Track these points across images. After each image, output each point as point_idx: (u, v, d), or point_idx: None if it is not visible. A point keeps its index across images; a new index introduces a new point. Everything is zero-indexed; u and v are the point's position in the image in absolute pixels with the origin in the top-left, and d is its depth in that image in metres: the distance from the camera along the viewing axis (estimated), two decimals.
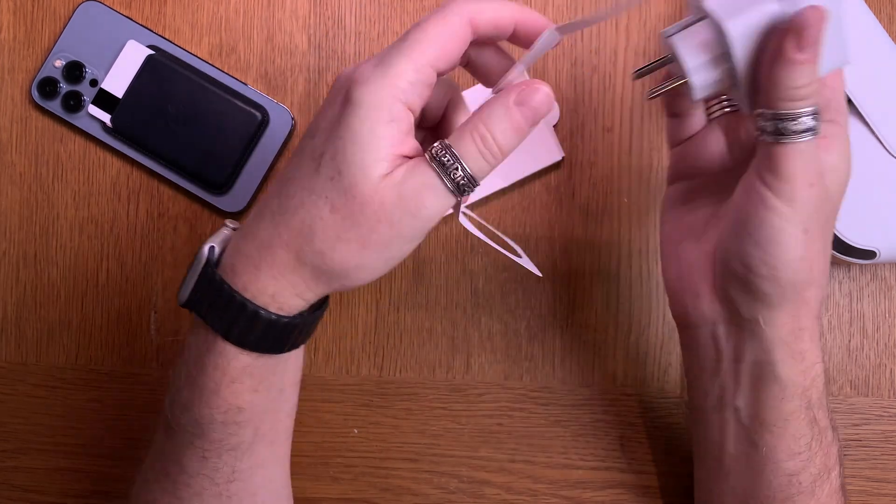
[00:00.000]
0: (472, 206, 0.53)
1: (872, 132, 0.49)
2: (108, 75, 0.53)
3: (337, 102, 0.33)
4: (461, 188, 0.32)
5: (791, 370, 0.38)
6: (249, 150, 0.53)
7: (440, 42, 0.32)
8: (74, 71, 0.53)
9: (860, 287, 0.54)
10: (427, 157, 0.32)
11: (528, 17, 0.34)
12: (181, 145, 0.52)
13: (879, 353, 0.54)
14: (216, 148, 0.52)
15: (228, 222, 0.37)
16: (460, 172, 0.32)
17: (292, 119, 0.53)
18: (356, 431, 0.54)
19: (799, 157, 0.33)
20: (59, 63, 0.53)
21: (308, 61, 0.54)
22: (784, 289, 0.36)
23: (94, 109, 0.53)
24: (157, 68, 0.52)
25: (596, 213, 0.54)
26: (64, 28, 0.53)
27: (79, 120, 0.53)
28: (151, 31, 0.53)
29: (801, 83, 0.32)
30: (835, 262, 0.53)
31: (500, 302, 0.54)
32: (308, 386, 0.53)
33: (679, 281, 0.41)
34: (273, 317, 0.34)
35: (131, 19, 0.53)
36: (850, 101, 0.49)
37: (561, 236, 0.54)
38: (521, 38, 0.34)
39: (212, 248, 0.35)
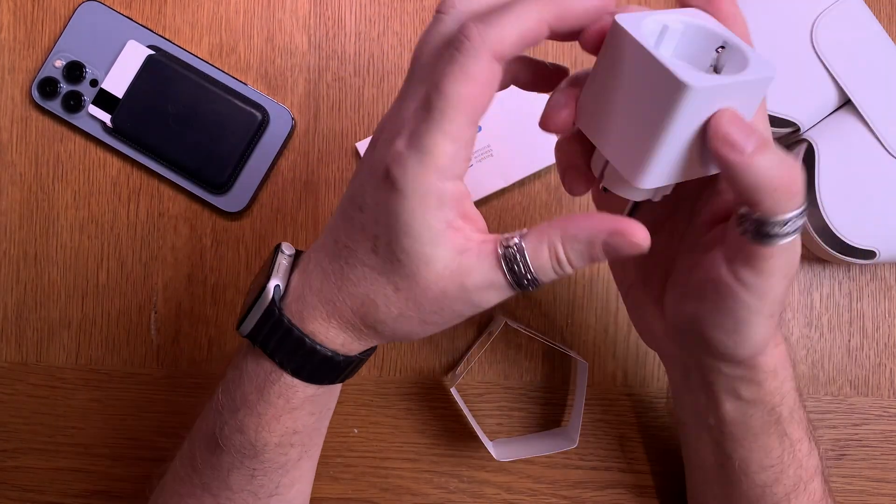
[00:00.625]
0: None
1: (872, 132, 0.49)
2: (108, 75, 0.53)
3: (378, 178, 0.30)
4: (524, 288, 0.32)
5: (757, 392, 0.38)
6: (250, 150, 0.53)
7: (470, 100, 0.28)
8: (74, 71, 0.53)
9: (860, 287, 0.54)
10: (498, 255, 0.31)
11: (564, 9, 0.28)
12: (181, 145, 0.52)
13: (879, 352, 0.54)
14: (216, 148, 0.52)
15: (284, 248, 0.37)
16: (528, 281, 0.31)
17: (292, 119, 0.53)
18: (356, 431, 0.54)
19: (782, 256, 0.31)
20: (59, 63, 0.53)
21: (308, 61, 0.54)
22: (743, 356, 0.36)
23: (94, 109, 0.53)
24: (158, 68, 0.52)
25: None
26: (64, 28, 0.53)
27: (79, 120, 0.53)
28: (151, 31, 0.53)
29: (773, 176, 0.28)
30: (835, 262, 0.53)
31: (500, 302, 0.54)
32: None
33: (634, 316, 0.41)
34: (341, 359, 0.35)
35: (131, 19, 0.53)
36: (850, 101, 0.49)
37: None
38: (565, 34, 0.29)
39: (277, 286, 0.35)
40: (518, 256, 0.31)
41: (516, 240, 0.31)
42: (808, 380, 0.53)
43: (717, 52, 0.30)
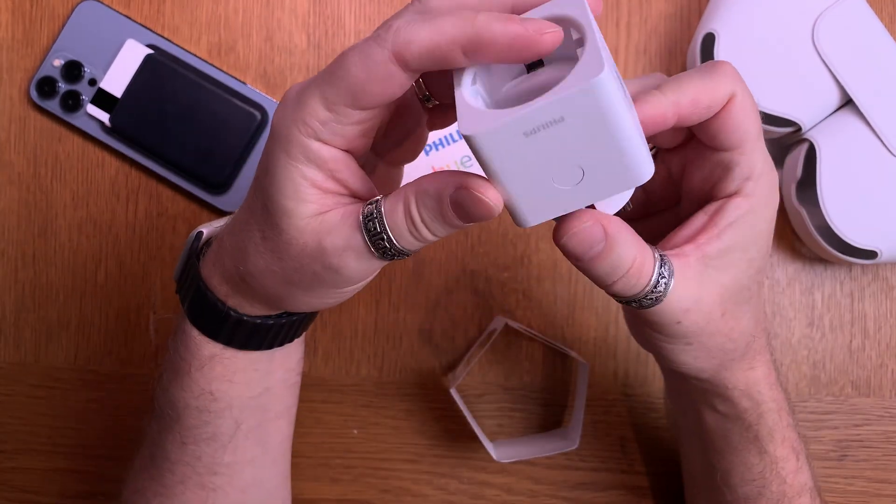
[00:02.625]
0: None
1: (874, 132, 0.48)
2: (106, 75, 0.52)
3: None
4: (391, 257, 0.30)
5: (733, 408, 0.39)
6: (248, 149, 0.53)
7: (356, 82, 0.27)
8: (73, 70, 0.53)
9: (861, 287, 0.54)
10: (359, 216, 0.29)
11: (477, 34, 0.25)
12: (180, 145, 0.52)
13: (881, 353, 0.53)
14: (215, 147, 0.52)
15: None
16: (388, 245, 0.29)
17: None
18: (356, 432, 0.54)
19: (653, 315, 0.32)
20: (57, 62, 0.53)
21: (307, 60, 0.54)
22: (691, 376, 0.36)
23: (92, 109, 0.53)
24: (156, 67, 0.52)
25: None
26: (62, 27, 0.53)
27: (77, 119, 0.53)
28: (150, 30, 0.53)
29: (605, 282, 0.30)
30: (836, 262, 0.53)
31: (501, 302, 0.53)
32: (308, 386, 0.53)
33: (626, 315, 0.41)
34: (231, 312, 0.34)
35: (130, 18, 0.53)
36: (851, 101, 0.49)
37: None
38: (487, 56, 0.26)
39: (199, 233, 0.35)
40: (374, 213, 0.29)
41: (376, 199, 0.29)
42: (809, 380, 0.53)
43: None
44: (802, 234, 0.52)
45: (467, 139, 0.25)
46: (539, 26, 0.25)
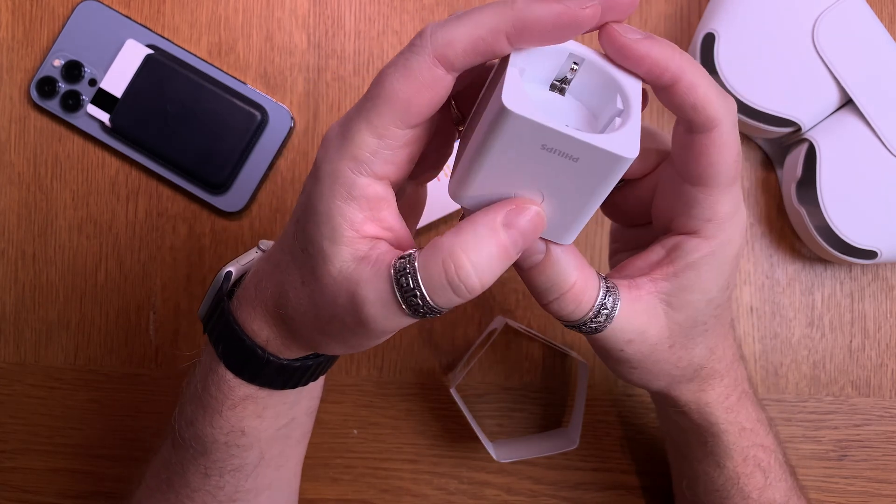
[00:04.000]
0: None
1: (874, 132, 0.48)
2: (106, 75, 0.52)
3: (314, 163, 0.30)
4: (420, 315, 0.28)
5: (687, 422, 0.39)
6: (248, 149, 0.53)
7: (403, 98, 0.26)
8: (73, 70, 0.53)
9: (861, 287, 0.54)
10: (391, 269, 0.27)
11: (521, 19, 0.25)
12: (180, 145, 0.52)
13: (881, 353, 0.53)
14: (215, 147, 0.52)
15: (261, 243, 0.36)
16: (419, 301, 0.27)
17: (291, 119, 0.53)
18: (356, 432, 0.54)
19: (597, 340, 0.32)
20: (57, 62, 0.53)
21: (307, 60, 0.54)
22: (641, 386, 0.37)
23: (92, 109, 0.53)
24: (156, 68, 0.52)
25: (596, 213, 0.54)
26: (63, 27, 0.53)
27: (77, 119, 0.53)
28: (150, 30, 0.53)
29: (543, 300, 0.30)
30: (836, 262, 0.53)
31: (500, 302, 0.53)
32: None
33: None
34: (271, 357, 0.33)
35: (130, 18, 0.53)
36: (851, 101, 0.49)
37: None
38: (533, 40, 0.26)
39: (228, 273, 0.34)
40: (407, 268, 0.27)
41: (411, 251, 0.27)
42: (809, 380, 0.53)
43: (573, 67, 0.28)
44: (802, 234, 0.52)
45: (502, 110, 0.24)
46: (578, 2, 0.25)
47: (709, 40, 0.49)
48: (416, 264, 0.27)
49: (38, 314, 0.54)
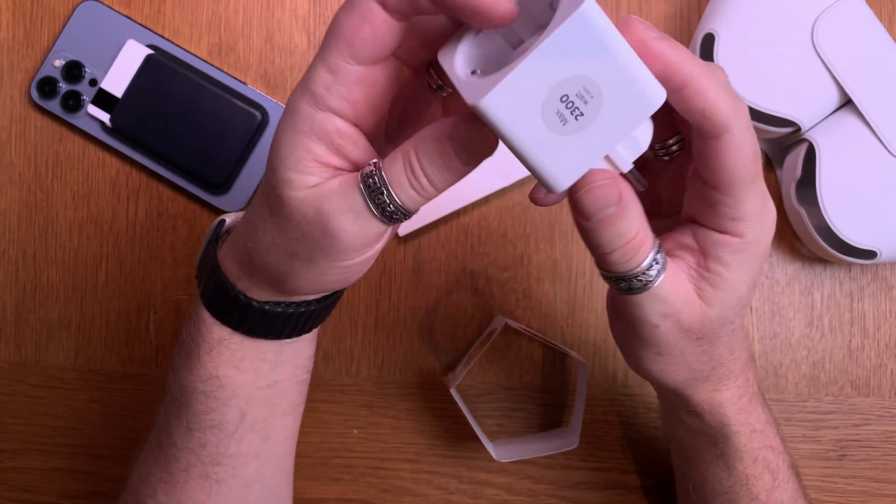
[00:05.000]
0: (472, 206, 0.53)
1: (874, 132, 0.48)
2: (107, 75, 0.52)
3: None
4: (390, 217, 0.29)
5: (699, 424, 0.39)
6: (249, 149, 0.53)
7: (346, 32, 0.28)
8: (74, 70, 0.53)
9: (861, 287, 0.54)
10: (359, 176, 0.29)
11: None
12: (180, 145, 0.52)
13: (880, 353, 0.53)
14: (216, 147, 0.52)
15: None
16: (387, 200, 0.29)
17: None
18: (356, 432, 0.54)
19: (635, 307, 0.32)
20: (58, 63, 0.53)
21: (307, 60, 0.54)
22: (657, 384, 0.37)
23: (93, 109, 0.53)
24: (157, 68, 0.52)
25: None
26: (63, 27, 0.53)
27: (78, 119, 0.53)
28: (151, 30, 0.53)
29: (604, 250, 0.30)
30: (836, 262, 0.53)
31: (500, 302, 0.54)
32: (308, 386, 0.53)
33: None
34: (241, 296, 0.34)
35: (130, 19, 0.53)
36: (851, 101, 0.49)
37: (561, 236, 0.54)
38: (457, 9, 0.26)
39: (222, 220, 0.36)
40: (373, 171, 0.29)
41: (375, 160, 0.29)
42: (808, 380, 0.53)
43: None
44: (802, 234, 0.52)
45: (477, 111, 0.25)
46: None
47: (708, 40, 0.49)
48: (380, 164, 0.29)
49: (39, 314, 0.54)
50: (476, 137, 0.28)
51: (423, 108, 0.33)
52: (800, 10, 0.49)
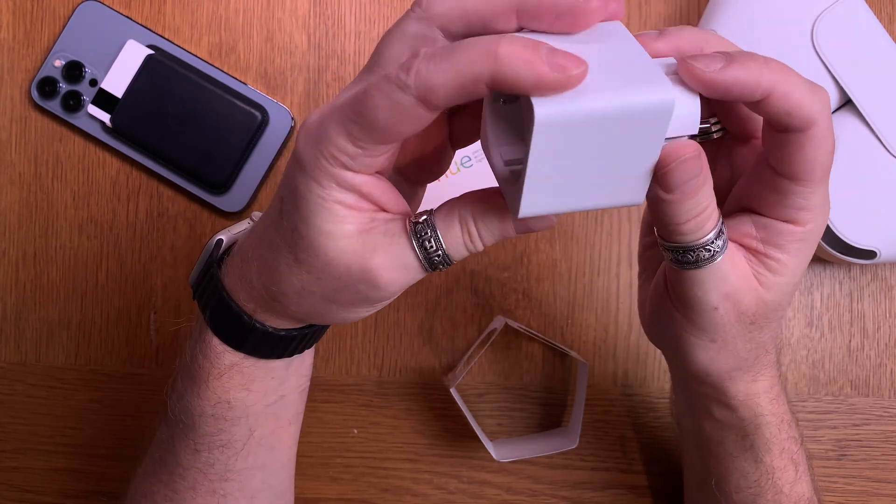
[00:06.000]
0: None
1: (873, 132, 0.49)
2: (107, 75, 0.52)
3: (295, 146, 0.30)
4: (434, 267, 0.30)
5: (730, 416, 0.39)
6: (249, 149, 0.53)
7: (383, 126, 0.26)
8: (74, 71, 0.53)
9: (861, 287, 0.54)
10: (407, 232, 0.29)
11: (500, 69, 0.24)
12: (181, 145, 0.52)
13: (880, 352, 0.53)
14: (216, 148, 0.52)
15: (254, 214, 0.37)
16: (440, 258, 0.30)
17: (292, 119, 0.53)
18: (356, 431, 0.54)
19: (697, 286, 0.32)
20: (58, 63, 0.53)
21: (308, 61, 0.54)
22: (697, 375, 0.36)
23: (93, 109, 0.53)
24: (157, 68, 0.52)
25: (596, 213, 0.54)
26: (63, 28, 0.53)
27: (78, 120, 0.53)
28: (151, 30, 0.53)
29: (680, 220, 0.29)
30: (835, 262, 0.53)
31: (500, 302, 0.54)
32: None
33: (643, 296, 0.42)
34: (256, 324, 0.34)
35: (131, 19, 0.53)
36: (850, 101, 0.49)
37: (561, 236, 0.54)
38: (513, 89, 0.25)
39: (219, 241, 0.35)
40: (429, 232, 0.29)
41: (425, 217, 0.30)
42: (808, 380, 0.53)
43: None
44: None
45: (538, 123, 0.25)
46: (563, 61, 0.24)
47: None
48: (437, 228, 0.29)
49: (39, 314, 0.54)
50: (542, 219, 0.29)
51: (436, 140, 0.33)
52: (800, 10, 0.49)
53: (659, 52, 0.29)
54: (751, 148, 0.33)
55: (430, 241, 0.29)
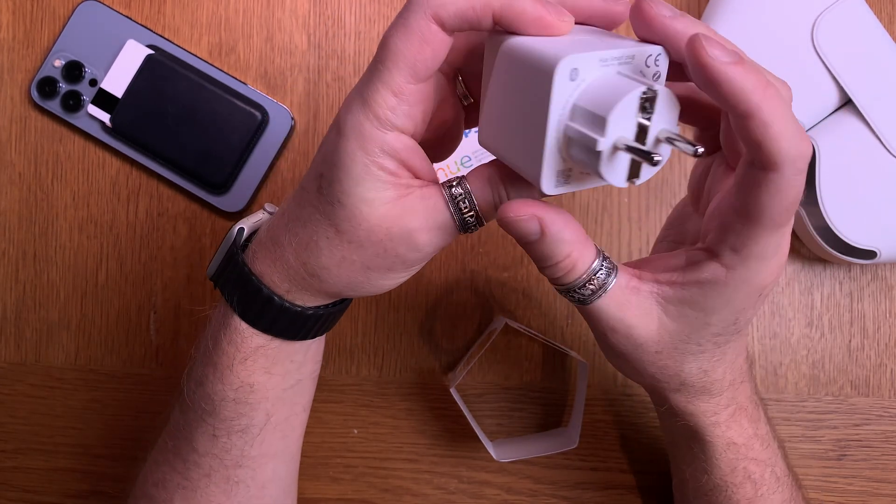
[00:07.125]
0: None
1: (873, 132, 0.49)
2: (107, 75, 0.52)
3: (333, 124, 0.32)
4: (467, 228, 0.32)
5: (671, 420, 0.39)
6: (249, 149, 0.53)
7: (409, 55, 0.29)
8: (74, 70, 0.53)
9: (861, 287, 0.54)
10: (443, 195, 0.32)
11: (514, 8, 0.28)
12: (181, 145, 0.52)
13: (880, 353, 0.54)
14: (216, 148, 0.52)
15: (267, 206, 0.39)
16: (474, 218, 0.32)
17: (292, 119, 0.53)
18: (356, 432, 0.54)
19: (589, 318, 0.33)
20: (58, 63, 0.53)
21: (308, 61, 0.54)
22: (642, 383, 0.37)
23: (93, 109, 0.53)
24: (157, 68, 0.52)
25: (596, 213, 0.54)
26: (63, 28, 0.53)
27: (78, 120, 0.53)
28: (151, 30, 0.53)
29: (542, 265, 0.32)
30: (835, 262, 0.53)
31: (501, 302, 0.54)
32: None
33: None
34: (286, 304, 0.35)
35: (131, 19, 0.53)
36: (850, 101, 0.49)
37: None
38: (512, 26, 0.29)
39: (241, 229, 0.36)
40: (463, 195, 0.32)
41: (459, 181, 0.32)
42: (808, 380, 0.53)
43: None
44: (802, 234, 0.52)
45: (503, 47, 0.28)
46: (560, 13, 0.28)
47: None
48: (472, 192, 0.32)
49: (39, 314, 0.54)
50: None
51: (451, 113, 0.34)
52: (800, 11, 0.49)
53: (672, 33, 0.28)
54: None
55: (464, 202, 0.32)
